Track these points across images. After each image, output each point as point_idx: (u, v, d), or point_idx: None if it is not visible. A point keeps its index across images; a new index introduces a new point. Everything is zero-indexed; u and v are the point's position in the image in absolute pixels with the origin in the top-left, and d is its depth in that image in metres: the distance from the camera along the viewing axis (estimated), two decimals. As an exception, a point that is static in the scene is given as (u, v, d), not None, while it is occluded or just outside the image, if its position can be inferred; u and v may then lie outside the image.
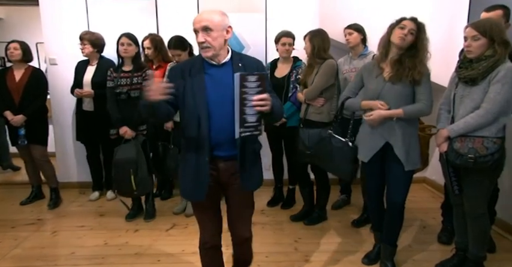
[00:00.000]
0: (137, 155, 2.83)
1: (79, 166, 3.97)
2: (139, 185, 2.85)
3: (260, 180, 1.84)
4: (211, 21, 1.61)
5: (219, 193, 1.82)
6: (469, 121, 1.97)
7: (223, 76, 1.65)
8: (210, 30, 1.60)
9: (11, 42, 3.31)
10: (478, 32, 1.94)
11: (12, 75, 3.30)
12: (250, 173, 1.74)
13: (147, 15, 3.73)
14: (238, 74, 1.50)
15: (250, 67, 1.68)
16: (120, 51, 2.96)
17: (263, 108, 1.54)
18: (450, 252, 2.44)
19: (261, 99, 1.52)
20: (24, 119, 3.28)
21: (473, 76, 1.98)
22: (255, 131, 1.59)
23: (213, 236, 1.85)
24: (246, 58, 1.76)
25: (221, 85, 1.64)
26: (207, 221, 1.83)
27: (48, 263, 2.50)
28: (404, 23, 2.10)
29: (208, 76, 1.66)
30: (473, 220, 2.14)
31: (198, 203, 1.80)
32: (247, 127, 1.56)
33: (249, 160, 1.71)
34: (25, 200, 3.56)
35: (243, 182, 1.72)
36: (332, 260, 2.52)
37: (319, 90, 2.81)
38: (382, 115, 2.13)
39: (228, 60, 1.70)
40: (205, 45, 1.61)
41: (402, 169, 2.15)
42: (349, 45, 3.00)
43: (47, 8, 3.71)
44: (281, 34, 3.10)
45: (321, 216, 3.13)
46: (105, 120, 3.18)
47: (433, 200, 3.63)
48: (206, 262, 1.91)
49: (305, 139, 2.83)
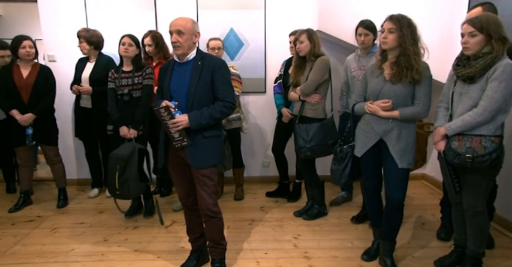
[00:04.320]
0: (129, 156, 2.75)
1: (78, 164, 3.98)
2: (122, 186, 2.74)
3: (208, 160, 2.13)
4: (184, 26, 2.03)
5: (186, 166, 2.18)
6: (467, 119, 1.96)
7: (184, 71, 2.11)
8: (182, 33, 2.02)
9: (24, 40, 3.13)
10: (475, 28, 1.93)
11: (19, 72, 3.17)
12: (195, 153, 2.10)
13: (145, 11, 3.72)
14: (154, 109, 2.03)
15: (208, 66, 2.08)
16: (121, 51, 2.95)
17: (178, 127, 2.03)
18: (449, 248, 2.45)
19: (173, 122, 2.02)
20: (33, 118, 3.18)
21: (471, 75, 1.97)
22: (183, 142, 2.07)
23: (183, 199, 2.32)
24: (208, 58, 2.13)
25: (180, 78, 2.11)
26: (178, 187, 2.32)
27: (48, 260, 2.51)
28: (383, 25, 2.13)
29: (174, 72, 2.14)
30: (472, 217, 2.14)
31: (171, 172, 2.27)
32: (176, 141, 2.08)
33: (195, 142, 2.09)
34: (13, 208, 3.35)
35: (189, 159, 2.11)
36: (331, 256, 2.53)
37: (315, 85, 2.84)
38: (379, 114, 2.17)
39: (191, 59, 2.11)
40: (177, 44, 2.04)
41: (397, 167, 2.17)
42: (363, 46, 2.87)
43: (45, 5, 3.70)
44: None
45: (320, 211, 3.15)
46: (103, 117, 3.16)
47: (432, 197, 3.64)
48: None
49: (303, 134, 2.85)
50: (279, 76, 3.44)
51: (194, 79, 2.06)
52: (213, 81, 2.08)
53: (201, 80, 2.06)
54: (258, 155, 4.07)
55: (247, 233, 2.88)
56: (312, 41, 2.84)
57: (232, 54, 3.82)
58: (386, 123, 2.18)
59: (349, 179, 2.45)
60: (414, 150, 2.22)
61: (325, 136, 2.84)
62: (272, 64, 3.79)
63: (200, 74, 2.06)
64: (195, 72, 2.07)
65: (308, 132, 2.85)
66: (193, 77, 2.07)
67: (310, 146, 2.84)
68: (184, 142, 2.07)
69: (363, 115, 2.31)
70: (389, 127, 2.18)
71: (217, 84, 2.09)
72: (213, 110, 2.07)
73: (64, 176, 3.55)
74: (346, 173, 2.42)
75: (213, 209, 2.17)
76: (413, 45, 2.08)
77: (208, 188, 2.14)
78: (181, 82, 2.09)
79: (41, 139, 3.30)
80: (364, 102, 2.29)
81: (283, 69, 3.40)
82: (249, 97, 3.91)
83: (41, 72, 3.24)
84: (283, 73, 3.36)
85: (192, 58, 2.11)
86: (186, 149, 2.10)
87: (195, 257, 2.38)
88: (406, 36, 2.06)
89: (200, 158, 2.11)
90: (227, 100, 2.10)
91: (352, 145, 2.39)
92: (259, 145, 4.05)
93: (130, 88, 2.96)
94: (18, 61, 3.21)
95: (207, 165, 2.13)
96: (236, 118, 3.40)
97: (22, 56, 3.15)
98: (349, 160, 2.40)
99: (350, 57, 3.05)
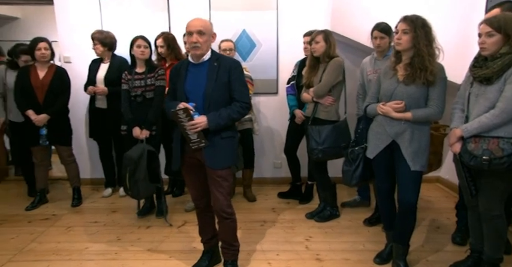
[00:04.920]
0: (138, 158, 2.79)
1: (92, 163, 4.04)
2: (133, 187, 2.81)
3: (225, 161, 2.12)
4: (205, 27, 2.03)
5: (202, 166, 2.15)
6: (484, 121, 1.92)
7: (199, 72, 2.09)
8: (203, 33, 2.02)
9: (40, 42, 3.19)
10: (492, 28, 1.89)
11: (36, 73, 3.24)
12: (213, 154, 2.09)
13: (159, 12, 3.76)
14: (172, 111, 2.01)
15: (224, 66, 2.07)
16: (137, 53, 2.96)
17: (196, 129, 2.01)
18: (464, 253, 2.40)
19: (191, 124, 2.00)
20: (48, 118, 3.24)
21: (488, 76, 1.93)
22: (200, 144, 2.06)
23: (195, 200, 2.31)
24: (223, 59, 2.12)
25: (196, 79, 2.09)
26: (191, 188, 2.31)
27: (63, 258, 2.55)
28: (397, 26, 2.11)
29: (189, 73, 2.12)
30: (489, 221, 2.09)
31: (184, 173, 2.25)
32: (193, 142, 2.07)
33: (212, 143, 2.08)
34: (30, 206, 3.43)
35: (206, 160, 2.09)
36: (343, 259, 2.51)
37: (328, 86, 2.83)
38: (391, 115, 2.14)
39: (206, 60, 2.09)
40: (197, 45, 2.02)
41: (410, 169, 2.14)
42: (378, 49, 2.82)
43: (62, 7, 3.77)
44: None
45: (332, 213, 3.13)
46: (117, 117, 3.20)
47: (446, 200, 3.58)
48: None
49: (315, 136, 2.83)
50: (292, 77, 3.43)
51: (211, 80, 2.05)
52: (230, 82, 2.07)
53: (218, 81, 2.05)
54: (269, 156, 4.07)
55: (258, 234, 2.88)
56: (328, 42, 2.82)
57: (245, 55, 3.83)
58: (398, 124, 2.15)
59: (360, 181, 2.43)
60: (427, 152, 2.18)
61: (338, 138, 2.81)
62: (284, 65, 3.78)
63: (217, 75, 2.05)
64: (212, 73, 2.06)
65: (320, 133, 2.82)
66: (210, 78, 2.05)
67: (322, 149, 2.82)
68: (202, 144, 2.06)
69: (376, 117, 2.28)
70: (401, 129, 2.15)
71: (234, 84, 2.08)
72: (231, 111, 2.07)
73: (78, 176, 3.60)
74: (357, 175, 2.40)
75: (227, 210, 2.17)
76: (427, 46, 2.05)
77: (223, 189, 2.13)
78: (197, 83, 2.07)
79: (55, 140, 3.36)
80: (376, 104, 2.27)
81: (296, 70, 3.39)
82: (260, 98, 3.90)
83: (57, 73, 3.30)
84: (297, 74, 3.35)
85: (208, 59, 2.10)
86: (204, 151, 2.09)
87: (207, 258, 2.39)
88: (420, 37, 2.04)
89: (217, 159, 2.10)
90: (244, 100, 2.10)
91: (364, 147, 2.37)
92: (271, 146, 4.05)
93: (143, 90, 2.99)
94: (35, 62, 3.28)
95: (224, 166, 2.13)
96: (248, 119, 3.41)
97: (38, 58, 3.22)
98: (360, 161, 2.39)
99: (366, 60, 3.01)
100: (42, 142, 3.27)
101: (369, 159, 2.34)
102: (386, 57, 2.79)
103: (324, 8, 3.70)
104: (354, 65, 3.63)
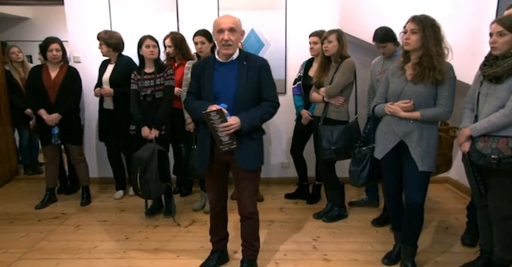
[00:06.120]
0: (149, 157, 2.81)
1: (100, 163, 4.06)
2: (144, 187, 2.83)
3: (256, 162, 2.14)
4: (236, 24, 1.97)
5: (225, 170, 2.18)
6: (493, 120, 1.90)
7: (228, 72, 2.02)
8: (234, 31, 1.95)
9: (51, 43, 3.21)
10: (504, 28, 1.87)
11: (48, 73, 3.27)
12: (245, 155, 2.05)
13: (168, 12, 3.78)
14: (203, 112, 1.93)
15: (253, 66, 2.01)
16: (146, 53, 2.96)
17: (230, 131, 1.94)
18: (474, 254, 2.37)
19: (224, 126, 1.93)
20: (59, 118, 3.27)
21: (498, 74, 1.91)
22: (231, 145, 2.01)
23: (215, 203, 2.27)
24: (251, 58, 2.06)
25: (225, 78, 2.02)
26: (211, 192, 2.26)
27: (73, 256, 2.58)
28: (406, 26, 2.09)
29: (216, 72, 2.03)
30: (499, 222, 2.07)
31: (207, 177, 2.22)
32: (224, 144, 2.01)
33: (244, 144, 2.03)
34: (40, 205, 3.46)
35: (239, 161, 2.05)
36: (351, 259, 2.50)
37: (341, 87, 2.82)
38: (399, 115, 2.13)
39: (235, 59, 2.03)
40: (229, 43, 1.94)
41: (418, 169, 2.12)
42: (384, 56, 2.84)
43: (72, 7, 3.81)
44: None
45: (340, 213, 3.12)
46: (125, 118, 3.21)
47: (455, 201, 3.54)
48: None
49: (328, 136, 2.82)
50: (298, 78, 3.41)
51: (242, 80, 2.00)
52: (260, 81, 2.03)
53: (249, 81, 2.00)
54: (277, 156, 4.06)
55: (266, 234, 2.88)
56: (340, 41, 2.81)
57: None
58: (406, 124, 2.14)
59: (367, 181, 2.42)
60: (436, 153, 2.17)
61: (350, 138, 2.79)
62: (292, 65, 3.77)
63: (247, 75, 2.00)
64: (242, 73, 2.00)
65: (333, 134, 2.81)
66: (241, 78, 2.00)
67: (335, 149, 2.80)
68: (234, 145, 2.01)
69: (384, 117, 2.27)
70: (409, 129, 2.13)
71: (264, 84, 2.04)
72: (263, 111, 2.03)
73: (87, 175, 3.62)
74: (364, 175, 2.39)
75: (251, 210, 2.17)
76: (436, 46, 2.03)
77: (251, 188, 2.14)
78: (226, 83, 2.01)
79: (66, 139, 3.39)
80: (384, 103, 2.26)
81: (302, 70, 3.38)
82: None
83: (68, 72, 3.33)
84: (303, 74, 3.34)
85: (236, 58, 2.03)
86: (235, 152, 2.04)
87: (215, 257, 2.39)
88: (428, 37, 2.02)
89: (250, 160, 2.08)
90: (274, 100, 2.08)
91: (372, 147, 2.36)
92: (278, 146, 4.04)
93: (152, 90, 3.00)
94: (47, 62, 3.32)
95: (256, 167, 2.13)
96: None
97: (50, 59, 3.25)
98: (367, 161, 2.38)
99: (375, 61, 3.00)
100: (55, 141, 3.31)
101: (376, 159, 2.33)
102: (395, 57, 2.78)
103: (333, 7, 3.69)
104: (362, 65, 3.61)
